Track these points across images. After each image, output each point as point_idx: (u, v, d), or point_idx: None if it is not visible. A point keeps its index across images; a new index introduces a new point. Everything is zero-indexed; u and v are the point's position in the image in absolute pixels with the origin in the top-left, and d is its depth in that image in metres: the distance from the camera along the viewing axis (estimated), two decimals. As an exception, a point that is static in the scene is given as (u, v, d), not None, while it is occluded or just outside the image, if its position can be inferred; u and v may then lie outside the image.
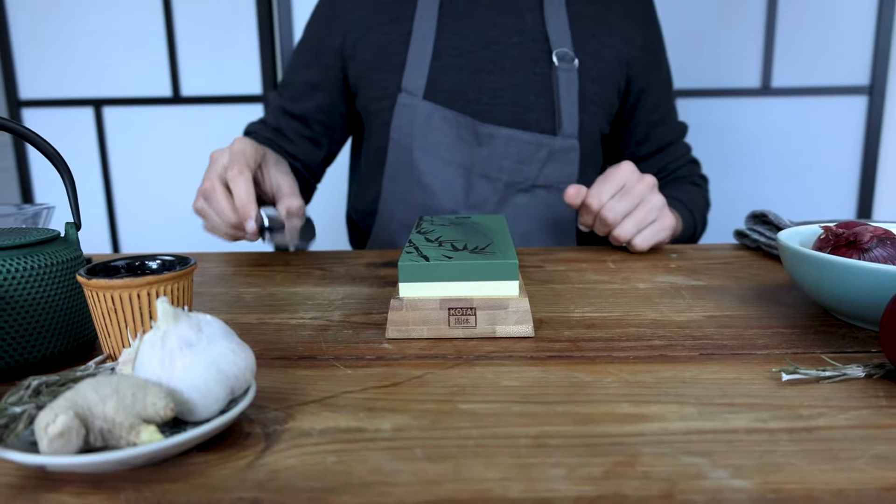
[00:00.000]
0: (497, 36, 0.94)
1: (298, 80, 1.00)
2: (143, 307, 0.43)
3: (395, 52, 0.94)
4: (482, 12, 0.94)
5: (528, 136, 0.93)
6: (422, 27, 0.93)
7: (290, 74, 1.01)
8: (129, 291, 0.43)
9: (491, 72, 0.94)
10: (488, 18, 0.94)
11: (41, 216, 0.69)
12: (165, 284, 0.44)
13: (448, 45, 0.93)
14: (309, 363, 0.47)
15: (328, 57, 0.98)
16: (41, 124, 1.88)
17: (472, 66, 0.94)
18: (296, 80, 1.00)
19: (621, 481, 0.31)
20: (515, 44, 0.94)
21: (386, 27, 0.95)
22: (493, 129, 0.92)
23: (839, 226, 0.55)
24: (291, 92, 1.00)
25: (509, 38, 0.94)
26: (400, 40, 0.94)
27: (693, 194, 1.02)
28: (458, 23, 0.94)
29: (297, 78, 1.00)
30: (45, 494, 0.31)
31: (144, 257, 0.48)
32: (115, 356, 0.45)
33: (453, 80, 0.93)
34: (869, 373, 0.43)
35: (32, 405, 0.34)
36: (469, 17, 0.94)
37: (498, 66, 0.94)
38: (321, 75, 0.99)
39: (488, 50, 0.94)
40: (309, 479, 0.32)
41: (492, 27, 0.94)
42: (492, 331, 0.51)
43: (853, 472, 0.32)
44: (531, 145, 0.93)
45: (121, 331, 0.44)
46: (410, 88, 0.93)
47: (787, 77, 1.75)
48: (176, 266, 0.47)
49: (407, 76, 0.93)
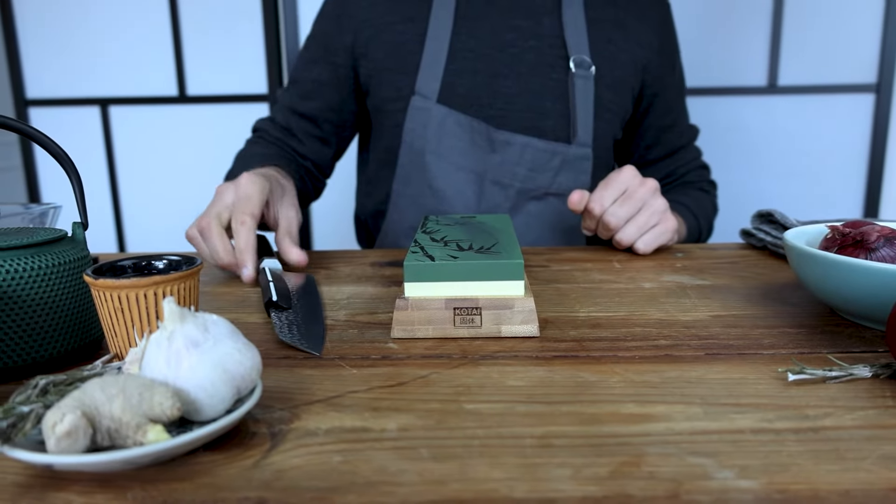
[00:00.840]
0: (514, 39, 0.93)
1: (307, 78, 0.99)
2: (149, 307, 0.44)
3: (409, 52, 0.93)
4: (499, 14, 0.93)
5: (543, 144, 0.92)
6: (437, 28, 0.92)
7: (299, 72, 1.00)
8: (135, 291, 0.43)
9: (506, 76, 0.93)
10: (505, 21, 0.93)
11: (48, 216, 0.69)
12: (172, 284, 0.44)
13: (463, 47, 0.92)
14: (314, 363, 0.47)
15: (338, 55, 0.97)
16: (48, 124, 1.88)
17: (487, 71, 0.93)
18: (304, 78, 0.99)
19: (627, 481, 0.31)
20: (532, 48, 0.93)
21: (400, 26, 0.94)
22: (508, 136, 0.92)
23: (846, 225, 0.55)
24: (300, 90, 0.99)
25: (526, 41, 0.93)
26: (414, 40, 0.93)
27: (700, 200, 1.01)
28: (475, 24, 0.93)
29: (305, 75, 0.99)
30: (52, 493, 0.31)
31: (151, 257, 0.49)
32: (121, 356, 0.45)
33: (468, 84, 0.92)
34: (875, 373, 0.42)
35: (40, 404, 0.34)
36: (485, 18, 0.93)
37: (514, 70, 0.93)
38: (331, 73, 0.98)
39: (504, 54, 0.93)
40: (314, 478, 0.32)
41: (508, 30, 0.93)
42: (497, 330, 0.51)
43: (860, 472, 0.32)
44: (546, 153, 0.93)
45: (127, 330, 0.44)
46: (424, 91, 0.92)
47: (794, 75, 1.74)
48: (182, 266, 0.48)
49: (421, 78, 0.92)
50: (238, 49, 1.82)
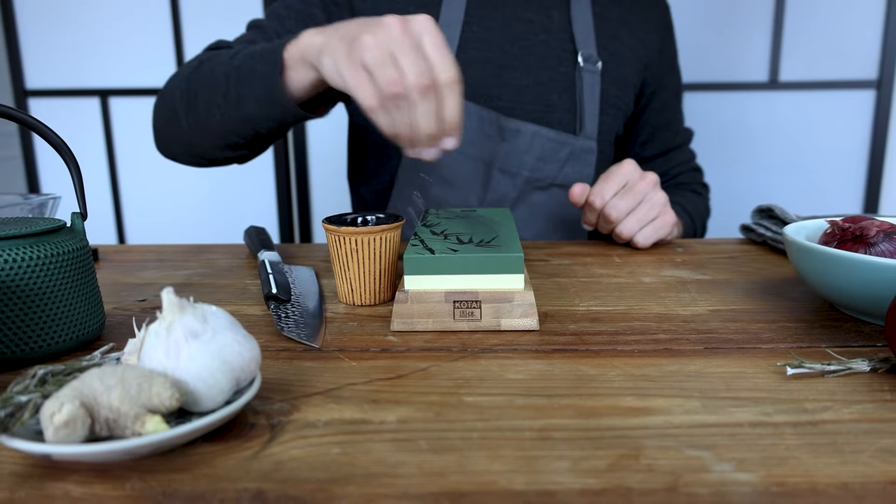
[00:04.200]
0: (524, 32, 0.93)
1: (306, 14, 0.88)
2: (375, 249, 0.56)
3: None
4: (510, 6, 0.93)
5: (553, 134, 0.92)
6: (449, 15, 0.91)
7: (290, 7, 0.90)
8: (369, 236, 0.56)
9: (516, 69, 0.93)
10: (516, 13, 0.93)
11: (47, 206, 0.69)
12: (394, 231, 0.57)
13: (475, 37, 0.92)
14: (314, 355, 0.47)
15: (344, 12, 0.91)
16: (47, 114, 1.88)
17: (497, 62, 0.92)
18: (302, 12, 0.89)
19: (625, 474, 0.31)
20: (542, 41, 0.93)
21: (413, 9, 0.92)
22: (518, 125, 0.92)
23: (845, 220, 0.55)
24: (293, 23, 0.88)
25: (536, 35, 0.93)
26: None
27: (693, 201, 1.03)
28: (487, 15, 0.92)
29: (303, 11, 0.89)
30: (50, 483, 0.31)
31: (357, 215, 0.61)
32: (352, 294, 0.58)
33: (478, 75, 0.92)
34: (874, 367, 0.42)
35: (38, 394, 0.34)
36: (497, 9, 0.93)
37: (523, 63, 0.93)
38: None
39: (515, 46, 0.93)
40: (313, 470, 0.32)
41: (519, 22, 0.93)
42: (497, 324, 0.51)
43: (857, 465, 0.32)
44: (555, 143, 0.93)
45: (359, 266, 0.57)
46: None
47: (795, 71, 1.74)
48: (391, 220, 0.60)
49: None
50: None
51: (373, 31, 0.55)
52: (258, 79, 0.68)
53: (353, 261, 0.57)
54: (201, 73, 0.75)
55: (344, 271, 0.58)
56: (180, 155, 0.83)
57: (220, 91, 0.72)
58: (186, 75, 0.77)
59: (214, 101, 0.72)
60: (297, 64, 0.65)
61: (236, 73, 0.70)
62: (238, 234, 1.91)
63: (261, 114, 0.69)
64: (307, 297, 0.59)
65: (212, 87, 0.73)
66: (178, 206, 1.93)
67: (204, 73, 0.75)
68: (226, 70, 0.72)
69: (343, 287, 0.58)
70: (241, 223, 1.93)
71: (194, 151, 0.80)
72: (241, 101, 0.70)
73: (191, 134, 0.77)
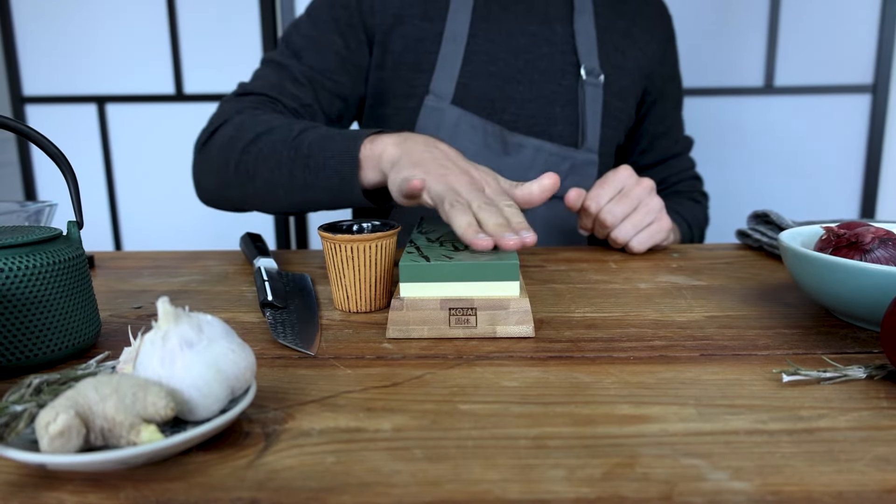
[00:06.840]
0: (528, 45, 0.93)
1: (324, 42, 0.90)
2: (371, 256, 0.56)
3: (425, 50, 0.92)
4: (514, 19, 0.93)
5: (554, 148, 0.93)
6: (454, 28, 0.91)
7: (306, 37, 0.91)
8: (363, 244, 0.56)
9: (520, 82, 0.93)
10: (520, 26, 0.93)
11: (44, 213, 0.69)
12: (389, 238, 0.57)
13: (479, 49, 0.92)
14: (309, 363, 0.47)
15: (359, 32, 0.92)
16: (44, 121, 1.88)
17: (501, 75, 0.93)
18: (319, 41, 0.91)
19: (620, 483, 0.31)
20: (545, 54, 0.94)
21: (419, 22, 0.92)
22: (521, 139, 0.92)
23: (841, 226, 0.55)
24: (312, 55, 0.90)
25: (539, 47, 0.94)
26: (431, 38, 0.92)
27: (691, 209, 1.03)
28: (491, 28, 0.93)
29: (320, 39, 0.91)
30: (45, 493, 0.31)
31: (352, 222, 0.61)
32: (345, 304, 0.58)
33: (482, 88, 0.92)
34: (870, 374, 0.42)
35: (33, 403, 0.34)
36: (501, 22, 0.93)
37: (527, 76, 0.93)
38: (347, 50, 0.92)
39: (519, 59, 0.93)
40: (308, 479, 0.32)
41: (523, 35, 0.93)
42: (492, 331, 0.51)
43: (853, 473, 0.32)
44: (557, 157, 0.93)
45: (354, 273, 0.57)
46: (439, 92, 0.91)
47: (791, 76, 1.74)
48: (385, 227, 0.60)
49: (436, 78, 0.91)
50: (235, 48, 1.82)
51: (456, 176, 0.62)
52: (333, 174, 0.72)
53: (348, 268, 0.57)
54: (260, 151, 0.77)
55: (339, 278, 0.58)
56: (226, 209, 0.87)
57: (284, 173, 0.75)
58: (241, 148, 0.78)
59: (279, 183, 0.76)
60: (369, 167, 0.71)
61: (305, 161, 0.74)
62: (234, 241, 1.91)
63: (330, 200, 0.75)
64: (303, 304, 0.59)
65: (275, 167, 0.76)
66: (175, 212, 1.93)
67: (264, 151, 0.77)
68: (290, 155, 0.75)
69: (339, 294, 0.58)
70: (238, 229, 1.92)
71: (244, 210, 0.85)
72: (309, 188, 0.74)
73: (245, 201, 0.82)
